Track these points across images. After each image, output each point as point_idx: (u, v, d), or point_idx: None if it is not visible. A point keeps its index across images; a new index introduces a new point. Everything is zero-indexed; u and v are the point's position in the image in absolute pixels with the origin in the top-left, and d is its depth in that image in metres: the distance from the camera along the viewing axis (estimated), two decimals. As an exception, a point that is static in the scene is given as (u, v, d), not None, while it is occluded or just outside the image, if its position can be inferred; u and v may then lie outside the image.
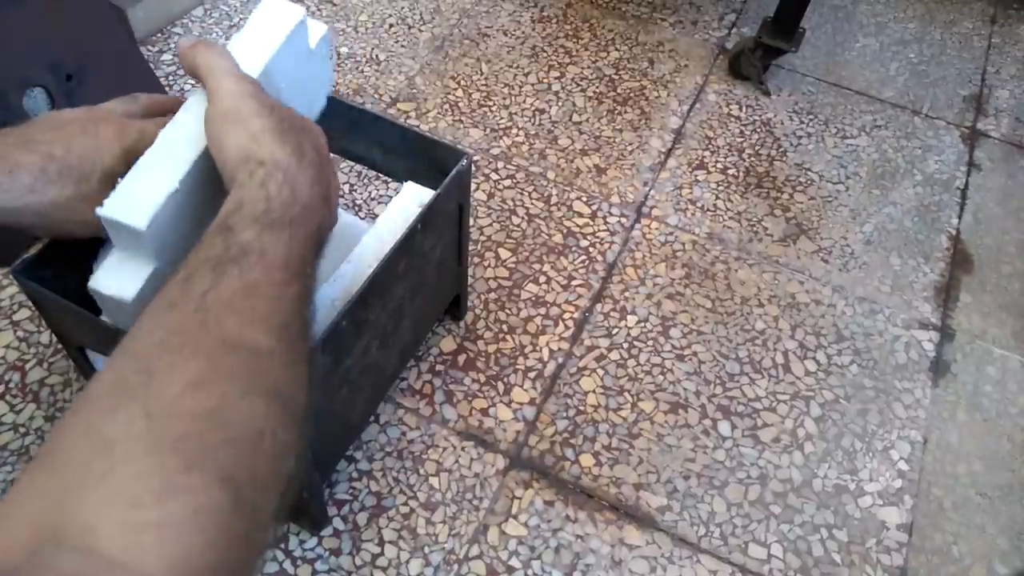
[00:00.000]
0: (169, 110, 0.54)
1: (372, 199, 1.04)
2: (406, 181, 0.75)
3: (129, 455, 0.28)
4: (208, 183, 0.50)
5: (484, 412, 0.86)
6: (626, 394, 0.89)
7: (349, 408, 0.73)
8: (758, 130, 1.20)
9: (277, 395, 0.34)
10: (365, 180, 1.06)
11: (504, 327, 0.93)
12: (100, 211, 0.48)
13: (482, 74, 1.23)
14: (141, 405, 0.30)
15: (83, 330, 0.60)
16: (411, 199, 0.72)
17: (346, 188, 1.05)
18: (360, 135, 0.77)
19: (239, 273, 0.36)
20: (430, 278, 0.77)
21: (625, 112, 1.20)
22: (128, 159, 0.50)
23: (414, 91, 1.19)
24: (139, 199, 0.48)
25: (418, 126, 1.14)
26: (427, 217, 0.67)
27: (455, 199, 0.74)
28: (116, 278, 0.51)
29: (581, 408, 0.87)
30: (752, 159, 1.16)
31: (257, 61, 0.51)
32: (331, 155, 0.51)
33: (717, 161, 1.15)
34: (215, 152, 0.43)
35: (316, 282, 0.42)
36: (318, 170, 0.44)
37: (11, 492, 0.28)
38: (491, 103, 1.19)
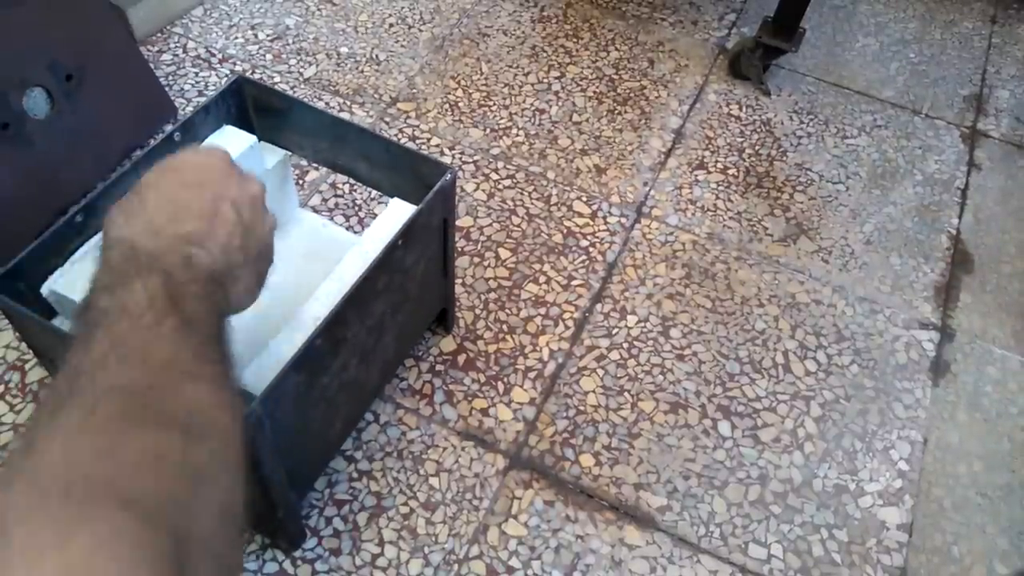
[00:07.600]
0: None
1: (372, 198, 1.04)
2: (392, 195, 0.75)
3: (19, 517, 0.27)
4: None
5: (484, 412, 0.86)
6: (626, 394, 0.89)
7: (326, 426, 0.72)
8: (758, 130, 1.20)
9: (173, 423, 0.33)
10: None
11: (504, 327, 0.93)
12: (46, 287, 0.59)
13: (482, 74, 1.23)
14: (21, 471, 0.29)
15: (54, 345, 0.59)
16: (396, 215, 0.71)
17: (346, 188, 1.05)
18: (345, 148, 0.76)
19: (103, 333, 0.35)
20: (414, 293, 0.76)
21: (625, 112, 1.20)
22: None
23: (414, 91, 1.19)
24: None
25: (418, 126, 1.14)
26: (409, 233, 0.67)
27: (439, 214, 0.73)
28: (70, 281, 0.61)
29: (581, 408, 0.87)
30: (752, 159, 1.16)
31: None
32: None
33: (717, 161, 1.15)
34: None
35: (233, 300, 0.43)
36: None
37: None
38: (491, 103, 1.19)
